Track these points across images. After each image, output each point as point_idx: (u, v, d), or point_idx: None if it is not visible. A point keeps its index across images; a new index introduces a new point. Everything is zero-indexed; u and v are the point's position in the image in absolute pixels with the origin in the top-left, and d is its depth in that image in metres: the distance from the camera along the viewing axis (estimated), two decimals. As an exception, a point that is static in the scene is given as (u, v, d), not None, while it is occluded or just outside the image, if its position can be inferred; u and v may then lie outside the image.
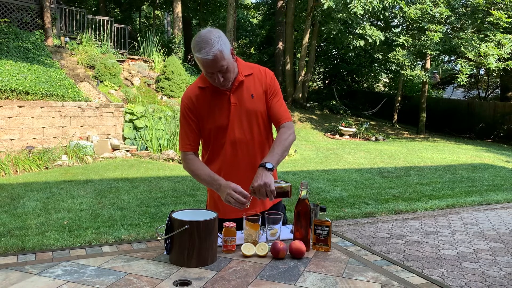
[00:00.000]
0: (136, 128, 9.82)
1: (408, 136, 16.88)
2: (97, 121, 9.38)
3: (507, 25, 14.09)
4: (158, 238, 1.73)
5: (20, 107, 8.04)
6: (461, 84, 15.79)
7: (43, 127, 8.39)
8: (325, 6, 14.17)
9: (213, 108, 1.96)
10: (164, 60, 13.91)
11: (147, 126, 9.77)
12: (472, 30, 15.20)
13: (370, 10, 14.36)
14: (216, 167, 2.03)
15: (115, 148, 9.15)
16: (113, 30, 14.67)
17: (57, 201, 5.63)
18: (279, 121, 2.02)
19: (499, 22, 13.99)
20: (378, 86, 26.98)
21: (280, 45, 20.43)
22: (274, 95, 2.03)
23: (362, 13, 14.28)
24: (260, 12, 27.69)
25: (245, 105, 1.96)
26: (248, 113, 1.97)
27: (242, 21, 25.84)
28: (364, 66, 22.87)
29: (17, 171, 7.32)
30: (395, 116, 19.02)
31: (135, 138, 9.74)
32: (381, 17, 16.12)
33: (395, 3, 14.98)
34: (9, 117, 7.87)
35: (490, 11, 14.19)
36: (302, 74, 18.20)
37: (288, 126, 2.01)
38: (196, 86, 2.00)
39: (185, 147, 2.01)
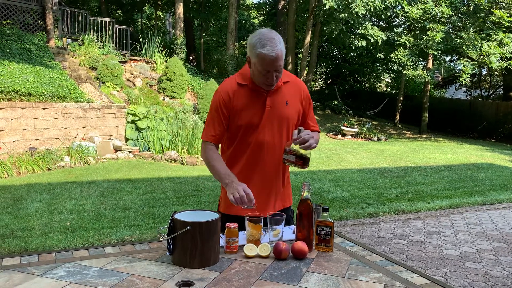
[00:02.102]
0: (138, 129, 9.83)
1: (410, 136, 16.86)
2: (99, 122, 9.39)
3: (509, 24, 14.06)
4: (160, 239, 1.73)
5: (22, 108, 8.06)
6: (463, 83, 15.77)
7: (46, 129, 8.41)
8: (327, 6, 14.16)
9: (248, 106, 1.99)
10: (166, 61, 13.93)
11: (149, 127, 9.78)
12: (474, 30, 15.17)
13: (372, 10, 14.35)
14: (239, 164, 2.06)
15: (117, 149, 9.16)
16: (115, 31, 14.70)
17: (59, 202, 5.64)
18: (313, 129, 2.16)
19: (501, 21, 13.96)
20: (380, 86, 26.94)
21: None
22: (309, 105, 2.15)
23: (364, 13, 14.27)
24: (262, 12, 27.70)
25: (278, 109, 2.01)
26: (280, 118, 2.02)
27: (244, 21, 25.84)
28: (366, 66, 22.84)
29: (20, 172, 7.34)
30: (397, 116, 18.99)
31: (137, 139, 9.75)
32: (383, 17, 16.09)
33: (397, 2, 14.96)
34: (11, 119, 7.89)
35: (492, 10, 14.16)
36: (304, 74, 18.19)
37: (318, 134, 2.17)
38: (235, 81, 2.02)
39: (209, 137, 2.03)
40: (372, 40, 15.39)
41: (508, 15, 13.92)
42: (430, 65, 17.36)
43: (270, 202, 2.10)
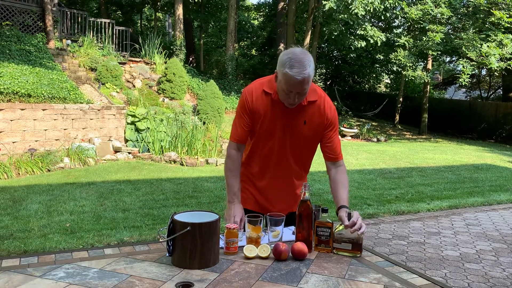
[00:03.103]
0: (138, 130, 9.83)
1: (410, 137, 16.86)
2: (99, 123, 9.39)
3: (509, 25, 14.07)
4: (160, 240, 1.73)
5: (22, 109, 8.06)
6: (463, 84, 15.78)
7: (45, 130, 8.41)
8: (326, 7, 14.17)
9: (266, 115, 2.00)
10: (165, 62, 13.93)
11: (148, 128, 9.78)
12: (474, 30, 15.18)
13: (371, 11, 14.36)
14: (253, 167, 2.14)
15: (117, 150, 9.16)
16: (114, 32, 14.70)
17: (59, 203, 5.64)
18: (337, 157, 2.12)
19: (501, 22, 13.97)
20: (379, 87, 26.95)
21: (282, 46, 20.44)
22: (334, 129, 2.09)
23: (363, 14, 14.28)
24: (261, 13, 27.71)
25: (294, 126, 2.01)
26: (294, 135, 2.03)
27: (243, 22, 25.86)
28: (365, 67, 22.85)
29: (19, 173, 7.33)
30: (397, 117, 19.00)
31: (137, 140, 9.75)
32: (382, 18, 16.11)
33: (396, 3, 14.98)
34: (11, 120, 7.89)
35: (491, 11, 14.17)
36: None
37: (344, 167, 2.17)
38: (262, 88, 2.02)
39: (233, 137, 2.09)
40: (371, 41, 15.40)
41: (508, 16, 13.93)
42: (429, 66, 17.36)
43: (282, 207, 2.13)
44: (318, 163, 9.92)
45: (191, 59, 21.20)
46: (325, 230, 1.80)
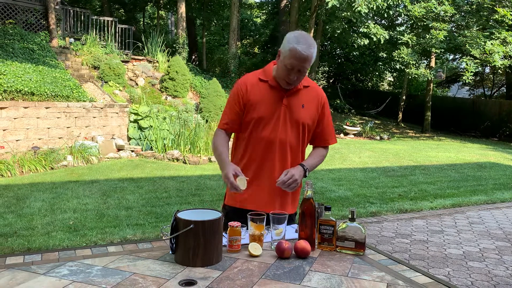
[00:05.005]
0: (140, 128, 9.84)
1: (413, 135, 16.82)
2: (102, 122, 9.41)
3: (513, 23, 14.01)
4: (163, 238, 1.73)
5: (25, 108, 8.08)
6: (466, 82, 15.74)
7: (48, 128, 8.43)
8: (329, 5, 14.12)
9: (264, 101, 2.03)
10: (168, 60, 13.94)
11: (151, 126, 9.79)
12: (477, 28, 15.11)
13: (374, 8, 14.31)
14: (249, 158, 2.09)
15: (120, 148, 9.17)
16: (117, 30, 14.71)
17: (62, 201, 5.65)
18: (328, 141, 2.19)
19: (504, 19, 13.90)
20: (382, 85, 26.89)
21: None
22: (324, 114, 2.15)
23: (366, 11, 14.23)
24: (264, 11, 27.68)
25: (293, 111, 2.04)
26: (295, 120, 2.05)
27: (246, 20, 25.83)
28: (368, 65, 22.79)
29: (23, 171, 7.36)
30: (400, 115, 18.95)
31: (140, 138, 9.76)
32: (386, 15, 16.05)
33: (400, 1, 14.92)
34: (14, 118, 7.91)
35: (495, 8, 14.10)
36: (306, 73, 18.15)
37: (327, 151, 2.22)
38: (257, 76, 2.09)
39: (222, 124, 2.11)
40: (374, 39, 15.36)
41: (512, 13, 13.86)
42: (433, 63, 17.31)
43: (275, 201, 2.10)
44: (321, 161, 9.65)
45: (193, 57, 21.20)
46: (328, 228, 1.80)
